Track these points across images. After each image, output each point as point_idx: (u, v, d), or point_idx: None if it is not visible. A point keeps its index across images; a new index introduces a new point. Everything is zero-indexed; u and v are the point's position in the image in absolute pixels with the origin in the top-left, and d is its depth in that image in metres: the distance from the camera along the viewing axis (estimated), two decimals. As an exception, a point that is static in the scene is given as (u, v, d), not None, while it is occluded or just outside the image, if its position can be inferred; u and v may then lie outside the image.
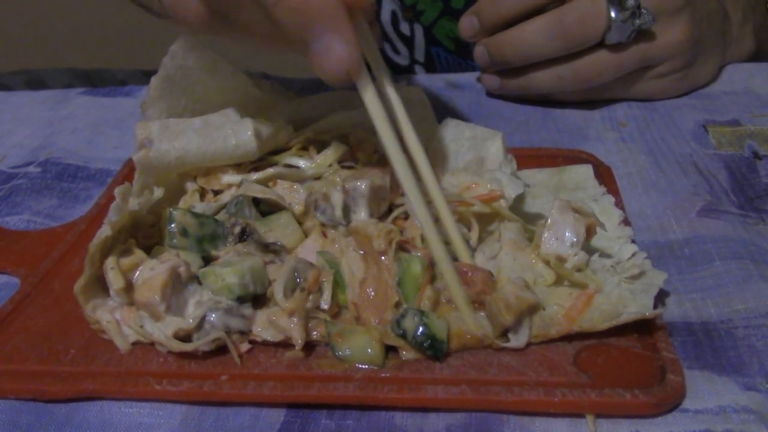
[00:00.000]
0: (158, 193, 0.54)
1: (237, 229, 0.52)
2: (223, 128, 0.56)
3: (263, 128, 0.57)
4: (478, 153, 0.60)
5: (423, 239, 0.49)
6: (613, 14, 0.68)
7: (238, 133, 0.56)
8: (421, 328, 0.45)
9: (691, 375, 0.44)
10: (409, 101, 0.62)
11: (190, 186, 0.58)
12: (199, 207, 0.56)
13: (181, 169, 0.57)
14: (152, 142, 0.55)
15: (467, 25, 0.78)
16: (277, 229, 0.53)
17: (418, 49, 1.09)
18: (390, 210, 0.54)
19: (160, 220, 0.54)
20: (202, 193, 0.59)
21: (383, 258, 0.49)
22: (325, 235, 0.52)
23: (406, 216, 0.53)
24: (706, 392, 0.43)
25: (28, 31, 1.85)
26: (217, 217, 0.54)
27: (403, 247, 0.50)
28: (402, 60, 1.14)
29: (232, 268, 0.48)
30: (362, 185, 0.52)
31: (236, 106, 0.59)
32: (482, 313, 0.47)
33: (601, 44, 0.71)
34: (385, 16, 1.11)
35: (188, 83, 0.58)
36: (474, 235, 0.51)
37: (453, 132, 0.61)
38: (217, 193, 0.58)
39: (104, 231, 0.48)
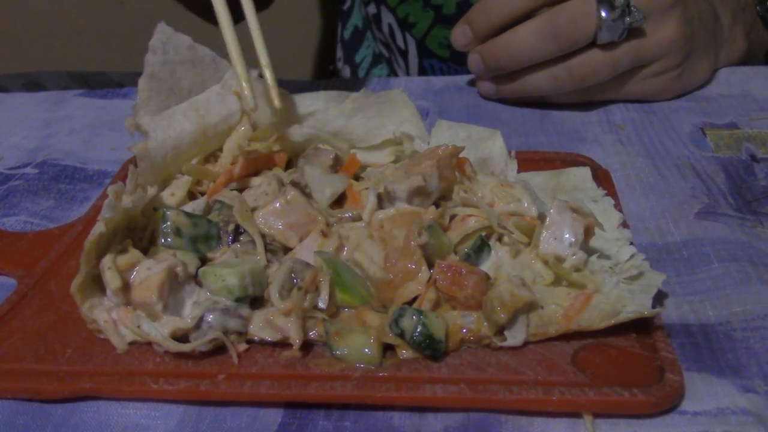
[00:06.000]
0: (152, 191, 0.54)
1: (231, 227, 0.52)
2: (210, 111, 0.59)
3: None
4: (480, 153, 0.60)
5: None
6: (603, 14, 0.69)
7: (224, 106, 0.59)
8: (419, 328, 0.45)
9: (690, 377, 0.44)
10: (393, 103, 0.62)
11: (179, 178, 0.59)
12: (189, 206, 0.56)
13: (177, 161, 0.58)
14: (148, 133, 0.55)
15: (460, 34, 0.78)
16: None
17: (412, 64, 1.10)
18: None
19: (152, 222, 0.54)
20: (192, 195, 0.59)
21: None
22: (324, 234, 0.52)
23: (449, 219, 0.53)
24: (705, 394, 0.43)
25: (25, 35, 1.84)
26: (209, 217, 0.54)
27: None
28: (400, 74, 1.14)
29: (233, 269, 0.48)
30: (399, 188, 0.52)
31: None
32: (475, 315, 0.47)
33: (593, 44, 0.71)
34: (385, 29, 1.11)
35: (174, 79, 0.59)
36: (512, 252, 0.51)
37: (447, 133, 0.61)
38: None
39: (98, 227, 0.48)
